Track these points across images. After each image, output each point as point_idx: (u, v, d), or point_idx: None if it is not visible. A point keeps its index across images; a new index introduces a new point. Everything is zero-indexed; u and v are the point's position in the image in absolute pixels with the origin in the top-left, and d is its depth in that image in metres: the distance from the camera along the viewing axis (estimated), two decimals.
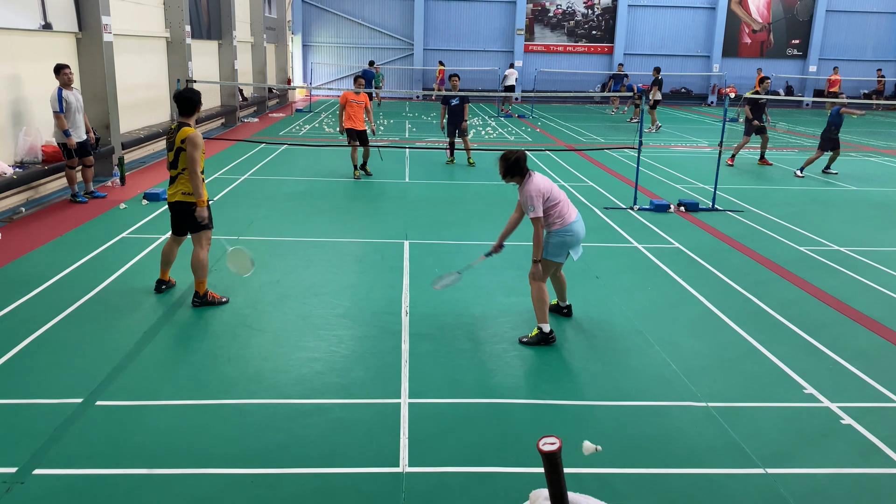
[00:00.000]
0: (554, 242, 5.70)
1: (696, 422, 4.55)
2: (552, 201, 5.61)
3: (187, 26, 16.19)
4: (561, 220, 5.66)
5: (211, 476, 3.85)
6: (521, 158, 5.65)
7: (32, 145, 10.14)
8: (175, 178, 6.19)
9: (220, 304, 6.33)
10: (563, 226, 5.64)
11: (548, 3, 33.17)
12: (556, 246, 5.72)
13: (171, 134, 6.18)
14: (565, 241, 5.69)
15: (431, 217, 9.83)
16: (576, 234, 5.71)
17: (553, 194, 5.63)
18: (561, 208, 5.65)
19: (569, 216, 5.68)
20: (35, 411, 4.45)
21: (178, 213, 6.28)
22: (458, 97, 13.87)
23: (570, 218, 5.67)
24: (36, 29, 10.49)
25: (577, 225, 5.71)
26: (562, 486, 1.43)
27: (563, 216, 5.66)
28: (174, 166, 6.16)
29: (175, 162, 6.14)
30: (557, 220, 5.64)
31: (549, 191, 5.61)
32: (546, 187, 5.61)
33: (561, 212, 5.65)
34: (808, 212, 10.88)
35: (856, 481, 3.99)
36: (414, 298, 6.59)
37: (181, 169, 6.12)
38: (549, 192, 5.60)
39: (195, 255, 6.25)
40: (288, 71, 29.52)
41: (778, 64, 33.87)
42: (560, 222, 5.66)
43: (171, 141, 6.16)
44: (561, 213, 5.65)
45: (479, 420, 4.51)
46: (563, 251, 5.76)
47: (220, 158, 14.24)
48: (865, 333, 6.10)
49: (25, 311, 6.06)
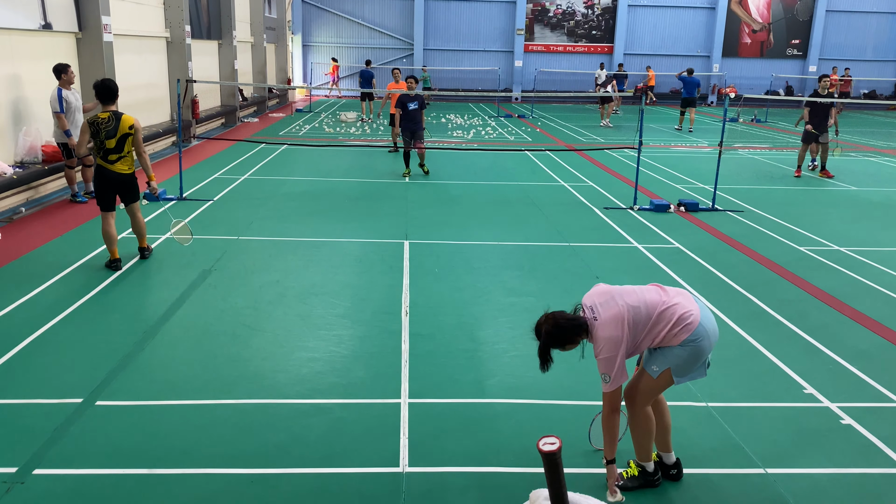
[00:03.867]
0: (681, 355, 3.67)
1: (696, 422, 4.55)
2: (648, 318, 3.63)
3: (187, 26, 16.18)
4: (681, 326, 3.61)
5: (211, 476, 3.85)
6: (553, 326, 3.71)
7: (32, 145, 10.14)
8: (116, 160, 7.07)
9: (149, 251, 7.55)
10: (691, 332, 3.62)
11: (548, 3, 33.18)
12: (687, 360, 3.68)
13: (107, 122, 6.94)
14: (698, 350, 3.66)
15: (431, 217, 9.83)
16: (709, 335, 3.67)
17: (644, 308, 3.63)
18: (672, 313, 3.63)
19: (691, 315, 3.62)
20: (35, 411, 4.45)
21: (121, 186, 7.19)
22: (416, 101, 12.63)
23: (695, 317, 3.63)
24: (36, 29, 10.49)
25: (707, 322, 3.67)
26: (562, 486, 1.43)
27: (682, 321, 3.62)
28: (118, 150, 7.03)
29: (120, 147, 7.02)
30: (676, 329, 3.62)
31: (637, 309, 3.62)
32: (625, 313, 3.60)
33: (676, 316, 3.63)
34: (808, 212, 10.88)
35: (856, 481, 3.99)
36: (414, 298, 6.59)
37: (126, 152, 7.07)
38: (634, 314, 3.61)
39: (138, 222, 7.41)
40: (288, 71, 29.51)
41: (778, 64, 33.88)
42: (682, 330, 3.62)
43: (111, 129, 6.94)
44: (677, 318, 3.62)
45: (479, 420, 4.51)
46: (698, 363, 3.71)
47: (220, 158, 14.24)
48: (865, 333, 6.09)
49: (25, 311, 6.06)
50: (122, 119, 6.96)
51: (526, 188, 12.04)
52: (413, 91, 12.80)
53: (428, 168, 13.06)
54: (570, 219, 9.88)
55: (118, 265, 7.18)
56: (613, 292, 3.71)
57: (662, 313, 3.62)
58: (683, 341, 3.62)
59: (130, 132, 7.00)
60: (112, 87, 7.10)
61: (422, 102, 12.74)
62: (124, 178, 7.17)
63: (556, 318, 3.68)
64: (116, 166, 7.07)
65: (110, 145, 6.97)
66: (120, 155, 7.04)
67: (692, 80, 21.06)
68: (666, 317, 3.62)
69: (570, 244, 8.55)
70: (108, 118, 6.95)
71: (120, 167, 7.10)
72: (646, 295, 3.69)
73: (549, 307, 3.96)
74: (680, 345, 3.63)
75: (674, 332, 3.61)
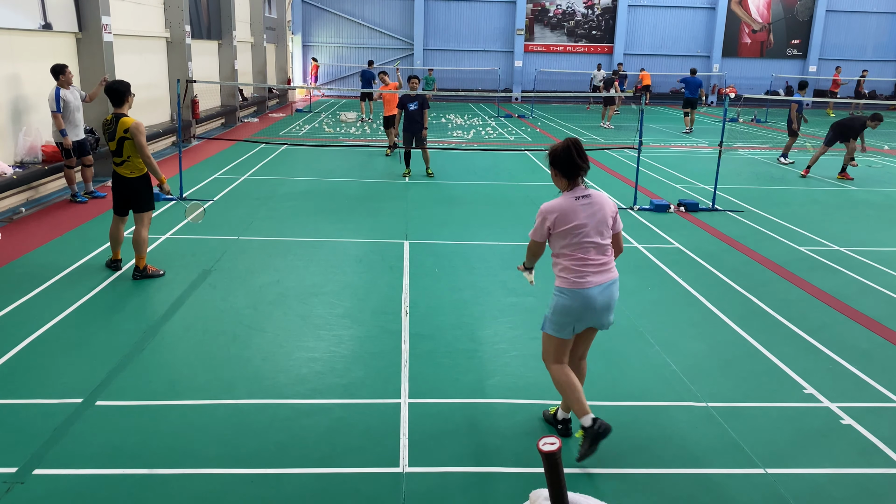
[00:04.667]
0: (555, 305, 4.02)
1: (696, 422, 4.55)
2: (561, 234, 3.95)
3: (187, 26, 16.18)
4: (567, 274, 3.95)
5: (211, 476, 3.85)
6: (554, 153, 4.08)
7: (32, 145, 10.14)
8: (120, 164, 6.86)
9: (157, 276, 6.99)
10: (571, 286, 3.93)
11: (548, 3, 33.17)
12: (558, 312, 4.00)
13: (109, 124, 6.84)
14: (568, 309, 3.96)
15: (431, 217, 9.83)
16: (586, 303, 3.95)
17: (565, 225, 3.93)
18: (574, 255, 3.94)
19: (582, 275, 3.94)
20: (35, 411, 4.45)
21: (126, 191, 6.93)
22: (416, 101, 12.45)
23: (583, 281, 3.93)
24: (36, 29, 10.49)
25: (583, 294, 3.93)
26: (562, 486, 1.43)
27: (569, 270, 3.94)
28: (118, 154, 6.82)
29: (119, 150, 6.80)
30: (563, 271, 3.98)
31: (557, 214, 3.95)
32: (551, 212, 3.97)
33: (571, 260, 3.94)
34: (808, 212, 10.88)
35: (856, 481, 3.99)
36: (414, 298, 6.59)
37: (126, 156, 6.80)
38: (555, 215, 3.95)
39: (137, 234, 6.93)
40: (288, 71, 29.52)
41: (778, 64, 33.88)
42: (566, 277, 3.96)
43: (111, 132, 6.80)
44: (572, 261, 3.94)
45: (479, 420, 4.51)
46: (567, 323, 4.00)
47: (220, 158, 14.24)
48: (865, 333, 6.09)
49: (25, 311, 6.06)
50: (120, 121, 6.78)
51: (526, 188, 12.04)
52: (415, 91, 12.68)
53: (433, 171, 13.00)
54: None
55: (118, 265, 7.16)
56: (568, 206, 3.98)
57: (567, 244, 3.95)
58: (560, 287, 3.98)
59: (126, 136, 6.74)
60: (117, 88, 6.86)
61: (423, 103, 12.56)
62: (127, 181, 6.93)
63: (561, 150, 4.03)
64: (120, 169, 6.91)
65: (112, 147, 6.86)
66: (121, 158, 6.84)
67: (694, 80, 20.96)
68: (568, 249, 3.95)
69: None
70: (111, 120, 6.84)
71: (122, 171, 6.91)
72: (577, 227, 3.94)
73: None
74: (557, 288, 4.01)
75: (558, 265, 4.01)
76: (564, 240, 3.95)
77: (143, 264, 6.92)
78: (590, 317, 4.02)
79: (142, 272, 6.92)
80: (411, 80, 13.04)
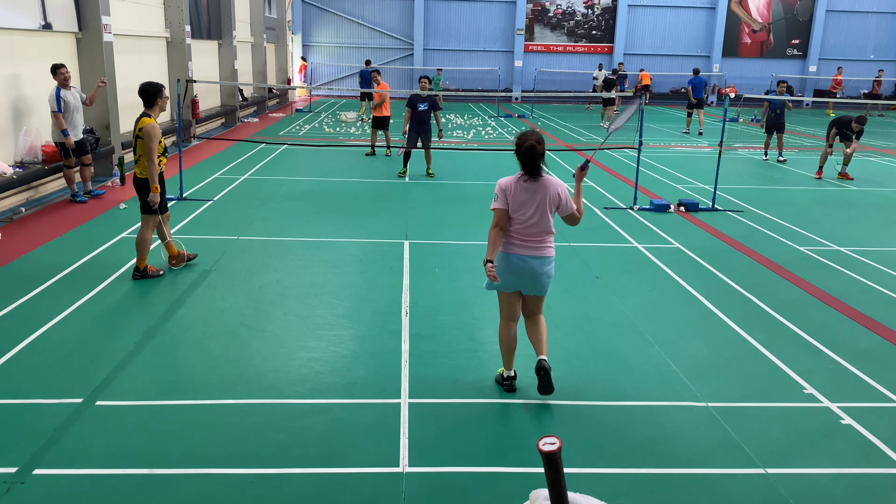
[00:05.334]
0: (499, 264, 4.64)
1: (696, 422, 4.55)
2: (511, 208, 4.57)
3: (187, 26, 16.18)
4: (507, 240, 4.61)
5: (211, 476, 3.85)
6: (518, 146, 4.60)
7: (32, 145, 10.14)
8: (136, 161, 6.97)
9: (157, 276, 7.02)
10: (503, 250, 4.61)
11: (548, 3, 33.17)
12: (500, 271, 4.62)
13: (135, 124, 6.95)
14: (500, 269, 4.61)
15: (431, 217, 9.83)
16: (510, 271, 4.62)
17: (513, 201, 4.55)
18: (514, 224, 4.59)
19: (510, 245, 4.60)
20: (35, 411, 4.45)
21: (137, 190, 6.99)
22: (427, 102, 12.44)
23: (510, 249, 4.60)
24: (36, 29, 10.49)
25: (509, 258, 4.60)
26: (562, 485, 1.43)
27: (509, 236, 4.60)
28: (135, 152, 6.94)
29: (135, 148, 6.92)
30: (507, 237, 4.61)
31: (507, 191, 4.57)
32: (506, 186, 4.59)
33: (513, 229, 4.60)
34: (808, 212, 10.88)
35: (856, 481, 3.99)
36: (414, 298, 6.59)
37: (139, 155, 6.90)
38: (506, 191, 4.57)
39: (139, 234, 6.96)
40: (288, 71, 29.52)
41: (778, 64, 33.87)
42: (504, 242, 4.61)
43: (134, 130, 6.95)
44: (513, 230, 4.60)
45: (479, 420, 4.51)
46: (505, 280, 4.64)
47: (220, 158, 14.24)
48: (865, 333, 6.09)
49: (25, 310, 6.06)
50: (140, 120, 6.87)
51: None
52: (425, 91, 12.58)
53: (433, 171, 12.99)
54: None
55: (182, 258, 7.29)
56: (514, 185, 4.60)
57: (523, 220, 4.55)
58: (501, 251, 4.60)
59: (140, 135, 6.82)
60: (147, 89, 6.91)
61: (434, 104, 12.52)
62: (136, 180, 6.97)
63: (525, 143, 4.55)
64: (136, 167, 6.98)
65: (133, 145, 6.98)
66: (136, 156, 6.93)
67: (699, 80, 20.90)
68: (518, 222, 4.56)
69: (570, 244, 8.55)
70: (137, 120, 6.92)
71: (136, 168, 6.99)
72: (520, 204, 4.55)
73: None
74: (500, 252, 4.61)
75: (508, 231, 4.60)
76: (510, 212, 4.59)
77: (143, 265, 6.93)
78: (517, 281, 4.67)
79: (141, 273, 6.93)
80: (421, 80, 12.89)
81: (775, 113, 15.45)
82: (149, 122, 6.79)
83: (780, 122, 15.59)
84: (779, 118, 15.51)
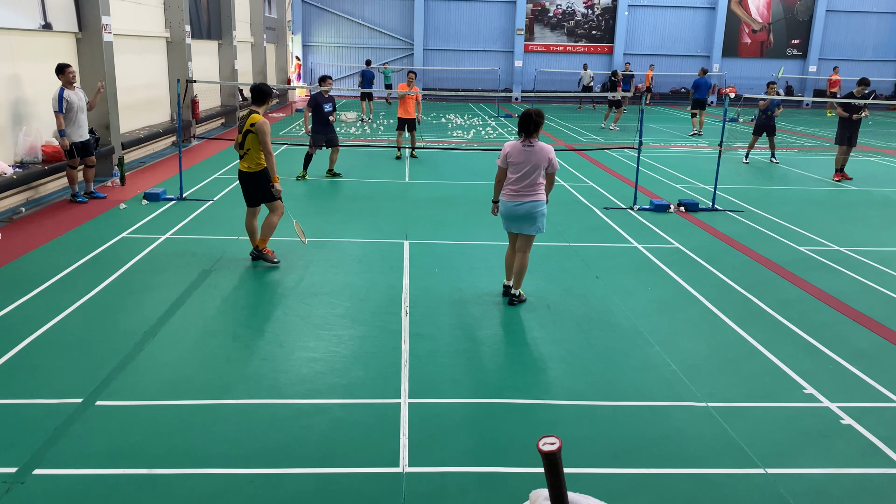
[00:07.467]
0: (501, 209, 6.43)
1: (696, 422, 4.55)
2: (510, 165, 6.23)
3: (187, 26, 16.18)
4: (505, 190, 6.33)
5: (211, 476, 3.85)
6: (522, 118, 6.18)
7: (32, 145, 10.14)
8: (243, 156, 7.25)
9: (272, 263, 7.38)
10: (503, 198, 6.33)
11: (548, 3, 33.17)
12: (501, 213, 6.43)
13: (242, 119, 7.24)
14: (501, 212, 6.39)
15: (431, 217, 9.83)
16: (507, 211, 6.31)
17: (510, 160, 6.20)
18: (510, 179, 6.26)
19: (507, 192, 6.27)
20: (35, 411, 4.45)
21: (248, 183, 7.32)
22: (329, 103, 12.14)
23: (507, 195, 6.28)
24: (36, 29, 10.49)
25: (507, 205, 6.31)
26: (562, 486, 1.43)
27: (507, 187, 6.29)
28: (241, 146, 7.21)
29: (242, 143, 7.18)
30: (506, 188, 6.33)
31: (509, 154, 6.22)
32: (507, 149, 6.22)
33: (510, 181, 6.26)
34: (808, 212, 10.88)
35: (856, 481, 3.99)
36: (414, 299, 6.59)
37: (247, 149, 7.17)
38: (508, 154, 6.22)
39: (268, 219, 7.40)
40: (288, 71, 29.52)
41: (778, 64, 33.84)
42: (504, 192, 6.34)
43: (241, 124, 7.22)
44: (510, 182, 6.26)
45: (479, 420, 4.51)
46: (504, 221, 6.40)
47: (220, 158, 14.24)
48: (865, 333, 6.10)
49: (25, 310, 6.06)
50: (250, 116, 7.13)
51: None
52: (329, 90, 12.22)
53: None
54: (569, 219, 9.88)
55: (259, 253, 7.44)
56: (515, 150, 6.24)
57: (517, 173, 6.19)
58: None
59: (252, 129, 7.07)
60: (262, 89, 7.30)
61: (334, 105, 12.36)
62: (245, 175, 7.28)
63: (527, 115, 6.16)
64: (241, 163, 7.28)
65: (238, 139, 7.25)
66: (243, 151, 7.20)
67: (703, 80, 20.62)
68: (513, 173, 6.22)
69: (569, 244, 8.55)
70: (245, 115, 7.20)
71: (242, 164, 7.28)
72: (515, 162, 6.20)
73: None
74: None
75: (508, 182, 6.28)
76: (509, 169, 6.24)
77: (263, 246, 7.36)
78: (510, 223, 6.36)
79: (259, 253, 7.36)
80: (326, 80, 12.32)
81: (766, 115, 15.38)
82: (259, 118, 7.08)
83: (770, 125, 15.48)
84: (770, 120, 15.43)
